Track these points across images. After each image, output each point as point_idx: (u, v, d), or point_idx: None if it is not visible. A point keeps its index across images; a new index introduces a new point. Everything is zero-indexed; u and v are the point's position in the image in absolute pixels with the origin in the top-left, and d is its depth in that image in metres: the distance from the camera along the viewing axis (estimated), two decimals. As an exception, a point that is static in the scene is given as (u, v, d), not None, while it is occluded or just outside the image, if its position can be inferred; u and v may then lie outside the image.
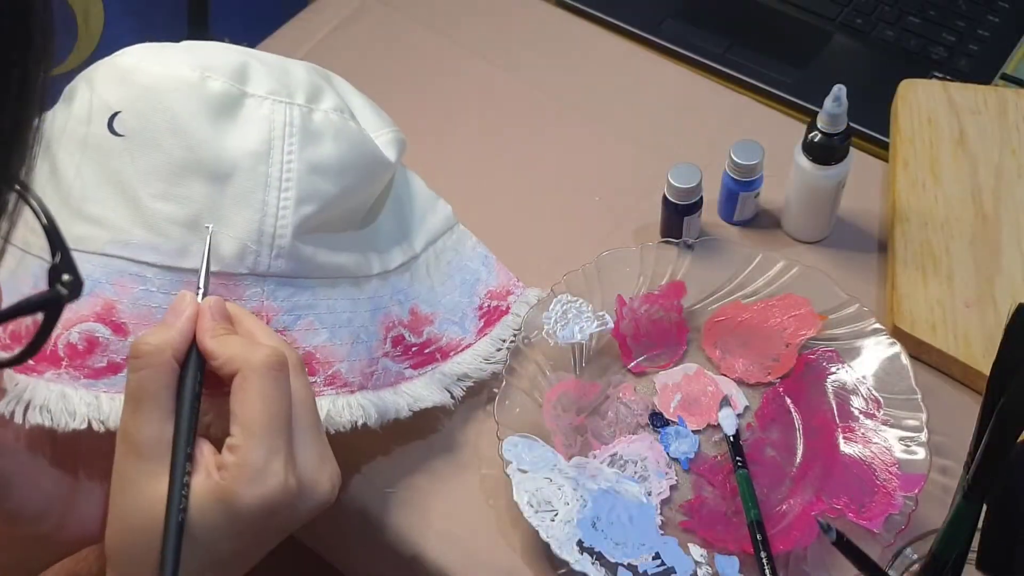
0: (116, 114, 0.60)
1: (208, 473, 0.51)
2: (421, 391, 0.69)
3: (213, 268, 0.60)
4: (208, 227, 0.60)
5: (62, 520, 0.59)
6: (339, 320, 0.65)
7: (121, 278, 0.59)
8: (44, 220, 0.36)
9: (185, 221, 0.60)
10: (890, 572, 0.57)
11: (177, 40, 0.65)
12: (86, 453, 0.59)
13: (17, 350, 0.37)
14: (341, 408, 0.63)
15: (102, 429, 0.57)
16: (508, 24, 0.99)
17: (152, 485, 0.50)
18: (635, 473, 0.70)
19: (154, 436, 0.51)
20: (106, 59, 0.64)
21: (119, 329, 0.59)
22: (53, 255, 0.37)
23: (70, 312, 0.58)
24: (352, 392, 0.64)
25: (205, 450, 0.52)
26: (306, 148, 0.62)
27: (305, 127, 0.63)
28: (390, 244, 0.71)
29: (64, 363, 0.58)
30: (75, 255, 0.35)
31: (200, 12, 1.08)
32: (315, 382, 0.63)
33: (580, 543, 0.64)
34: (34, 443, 0.57)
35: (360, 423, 0.64)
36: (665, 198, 0.78)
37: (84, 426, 0.56)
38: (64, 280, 0.36)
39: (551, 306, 0.74)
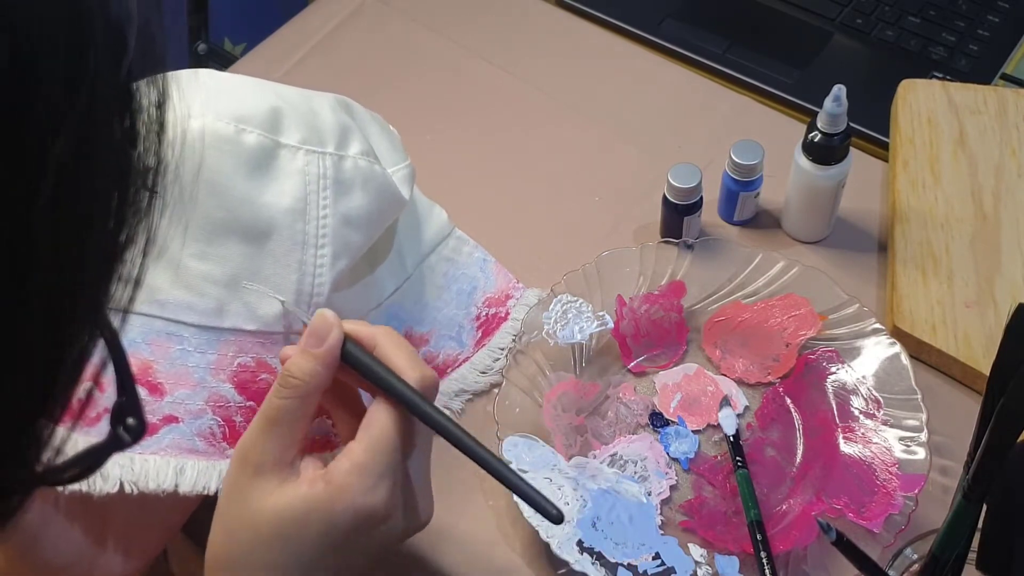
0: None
1: (311, 483, 0.51)
2: None
3: (250, 327, 0.60)
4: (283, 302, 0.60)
5: (89, 570, 0.59)
6: None
7: (158, 338, 0.59)
8: (117, 360, 0.34)
9: (223, 280, 0.60)
10: (890, 572, 0.57)
11: (176, 40, 0.65)
12: (112, 505, 0.59)
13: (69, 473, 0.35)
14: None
15: (135, 491, 0.57)
16: (508, 24, 0.99)
17: (263, 501, 0.51)
18: (635, 473, 0.70)
19: (276, 457, 0.51)
20: None
21: (155, 389, 0.58)
22: (120, 394, 0.35)
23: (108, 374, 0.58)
24: None
25: (308, 463, 0.53)
26: (339, 200, 0.62)
27: (337, 178, 0.63)
28: (386, 272, 0.72)
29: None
30: (109, 314, 0.33)
31: (200, 12, 1.08)
32: (339, 434, 0.63)
33: (580, 543, 0.64)
34: (65, 495, 0.57)
35: None
36: (665, 198, 0.78)
37: (116, 489, 0.57)
38: (128, 424, 0.35)
39: (551, 306, 0.74)
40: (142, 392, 0.58)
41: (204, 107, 0.61)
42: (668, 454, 0.71)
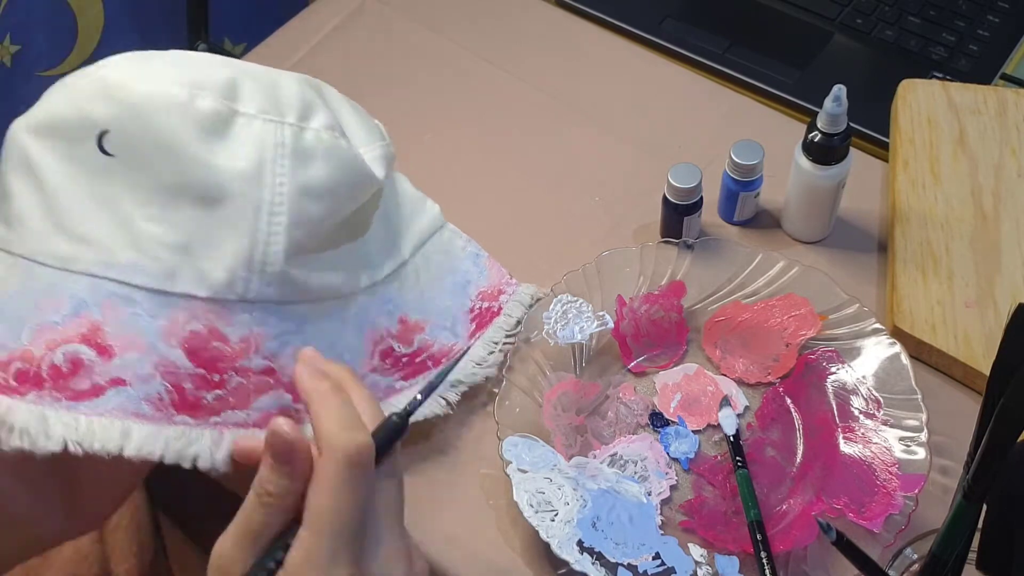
0: (105, 133, 0.59)
1: None
2: None
3: (202, 293, 0.60)
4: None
5: (68, 518, 0.59)
6: (325, 342, 0.64)
7: (109, 299, 0.58)
8: None
9: (174, 244, 0.59)
10: (890, 572, 0.57)
11: (177, 41, 0.65)
12: (55, 463, 0.57)
13: None
14: None
15: (79, 451, 0.56)
16: (508, 24, 0.99)
17: None
18: (635, 473, 0.70)
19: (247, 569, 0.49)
20: (89, 70, 0.62)
21: (104, 351, 0.58)
22: None
23: (55, 332, 0.57)
24: None
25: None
26: (297, 170, 0.61)
27: (296, 147, 0.62)
28: (379, 254, 0.71)
29: (47, 384, 0.57)
30: (61, 275, 0.32)
31: (199, 12, 1.08)
32: (301, 408, 0.62)
33: (580, 543, 0.64)
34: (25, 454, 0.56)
35: None
36: (665, 198, 0.78)
37: (60, 448, 0.55)
38: None
39: (551, 306, 0.74)
40: (91, 353, 0.57)
41: (160, 74, 0.60)
42: (668, 454, 0.71)
